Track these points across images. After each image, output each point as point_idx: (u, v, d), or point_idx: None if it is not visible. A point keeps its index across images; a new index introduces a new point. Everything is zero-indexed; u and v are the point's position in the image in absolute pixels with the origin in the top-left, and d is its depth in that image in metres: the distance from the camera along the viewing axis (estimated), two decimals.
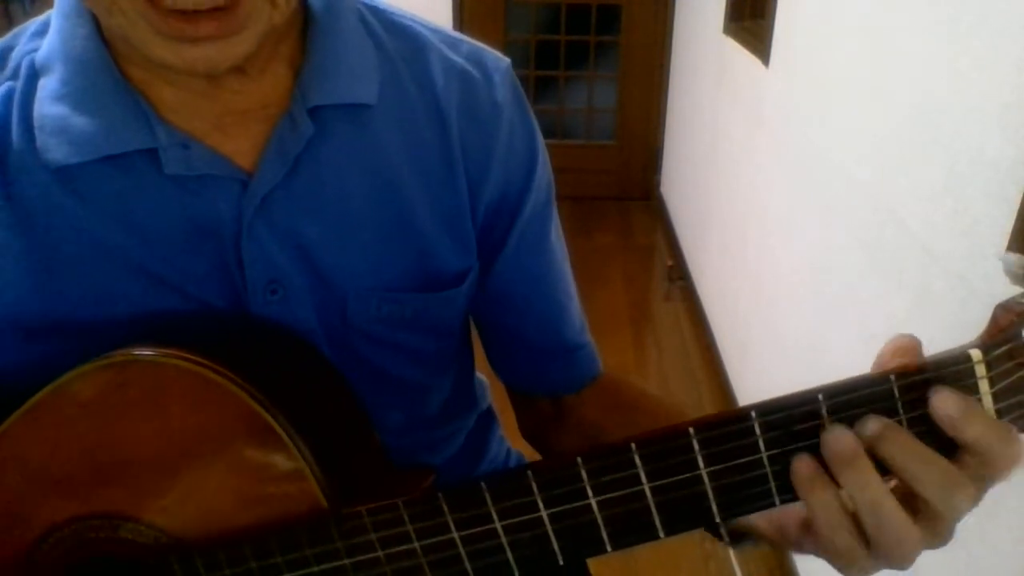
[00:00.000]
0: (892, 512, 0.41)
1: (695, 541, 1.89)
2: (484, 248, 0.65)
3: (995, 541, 0.97)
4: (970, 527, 1.07)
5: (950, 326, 1.08)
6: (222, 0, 0.45)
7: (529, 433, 0.76)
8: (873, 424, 0.41)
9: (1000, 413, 0.41)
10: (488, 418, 0.82)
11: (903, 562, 0.42)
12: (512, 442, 0.85)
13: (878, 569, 0.43)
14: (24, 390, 0.49)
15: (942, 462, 0.40)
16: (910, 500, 0.41)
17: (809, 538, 0.45)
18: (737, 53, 2.39)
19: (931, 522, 0.41)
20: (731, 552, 1.85)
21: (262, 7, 0.47)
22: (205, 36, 0.46)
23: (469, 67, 0.62)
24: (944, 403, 0.40)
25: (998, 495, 0.42)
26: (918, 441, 0.40)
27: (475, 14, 3.65)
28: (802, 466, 0.42)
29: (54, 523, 0.50)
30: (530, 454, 0.76)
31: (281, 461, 0.48)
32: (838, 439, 0.40)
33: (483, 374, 0.81)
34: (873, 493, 0.40)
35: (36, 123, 0.51)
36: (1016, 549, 0.93)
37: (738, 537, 0.49)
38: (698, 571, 1.83)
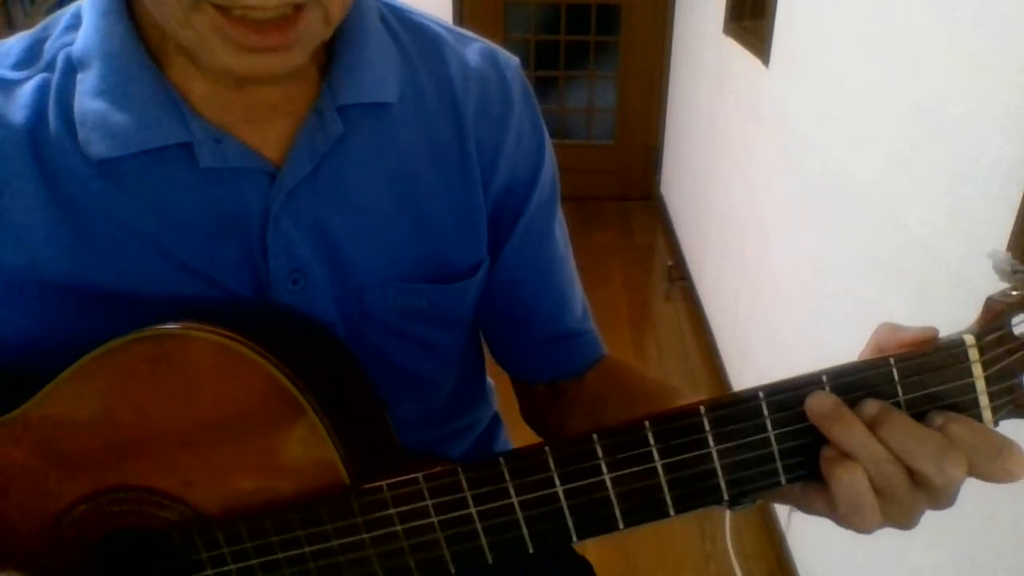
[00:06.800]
0: (878, 452, 0.43)
1: (696, 541, 1.90)
2: (490, 240, 0.66)
3: (998, 542, 0.97)
4: (972, 529, 1.07)
5: (950, 326, 1.08)
6: (288, 9, 0.48)
7: (530, 417, 0.77)
8: (871, 407, 0.43)
9: (992, 396, 0.44)
10: (495, 421, 0.83)
11: (906, 517, 0.44)
12: (514, 442, 0.86)
13: (884, 524, 0.45)
14: (61, 363, 0.50)
15: (934, 437, 0.42)
16: (910, 475, 0.43)
17: (821, 496, 0.46)
18: (737, 53, 2.39)
19: (928, 489, 0.43)
20: (731, 552, 1.85)
21: (317, 23, 0.50)
22: (271, 47, 0.49)
23: (482, 65, 0.64)
24: (818, 403, 0.43)
25: (1000, 497, 0.43)
26: (912, 420, 0.43)
27: (475, 14, 3.65)
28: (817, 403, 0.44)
29: (80, 496, 0.51)
30: None
31: (305, 435, 0.49)
32: (819, 401, 0.44)
33: (490, 378, 0.82)
34: (859, 436, 0.43)
35: (77, 117, 0.53)
36: (1018, 550, 0.94)
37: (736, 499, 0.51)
38: (699, 571, 1.83)
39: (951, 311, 1.08)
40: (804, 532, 1.71)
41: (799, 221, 1.77)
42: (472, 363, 0.75)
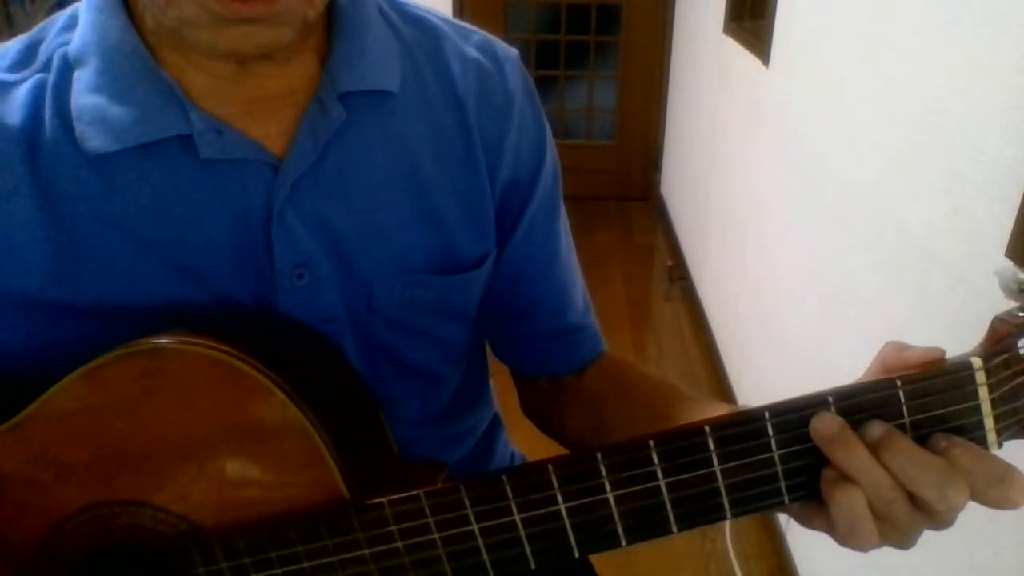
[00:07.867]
0: (880, 477, 0.43)
1: (696, 541, 1.90)
2: (495, 232, 0.66)
3: (997, 543, 0.97)
4: (972, 529, 1.06)
5: (950, 327, 1.08)
6: None
7: (531, 411, 0.77)
8: (876, 429, 0.43)
9: (997, 419, 0.43)
10: (495, 423, 0.83)
11: (904, 539, 0.44)
12: (513, 439, 0.86)
13: (882, 544, 0.45)
14: (53, 372, 0.49)
15: (937, 463, 0.42)
16: (910, 500, 0.43)
17: (820, 515, 0.46)
18: (737, 53, 2.39)
19: (929, 514, 0.43)
20: (731, 552, 1.85)
21: (298, 3, 0.50)
22: (252, 16, 0.48)
23: (481, 57, 0.64)
24: (823, 425, 0.43)
25: None
26: (915, 445, 0.43)
27: (475, 14, 3.65)
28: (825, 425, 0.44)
29: (75, 509, 0.51)
30: (531, 454, 0.76)
31: (303, 450, 0.49)
32: (824, 423, 0.43)
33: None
34: (861, 460, 0.43)
35: (74, 113, 0.53)
36: (1018, 551, 0.93)
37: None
38: (699, 571, 1.83)
39: (950, 311, 1.08)
40: (804, 532, 1.71)
41: (799, 221, 1.77)
42: (476, 359, 0.75)
